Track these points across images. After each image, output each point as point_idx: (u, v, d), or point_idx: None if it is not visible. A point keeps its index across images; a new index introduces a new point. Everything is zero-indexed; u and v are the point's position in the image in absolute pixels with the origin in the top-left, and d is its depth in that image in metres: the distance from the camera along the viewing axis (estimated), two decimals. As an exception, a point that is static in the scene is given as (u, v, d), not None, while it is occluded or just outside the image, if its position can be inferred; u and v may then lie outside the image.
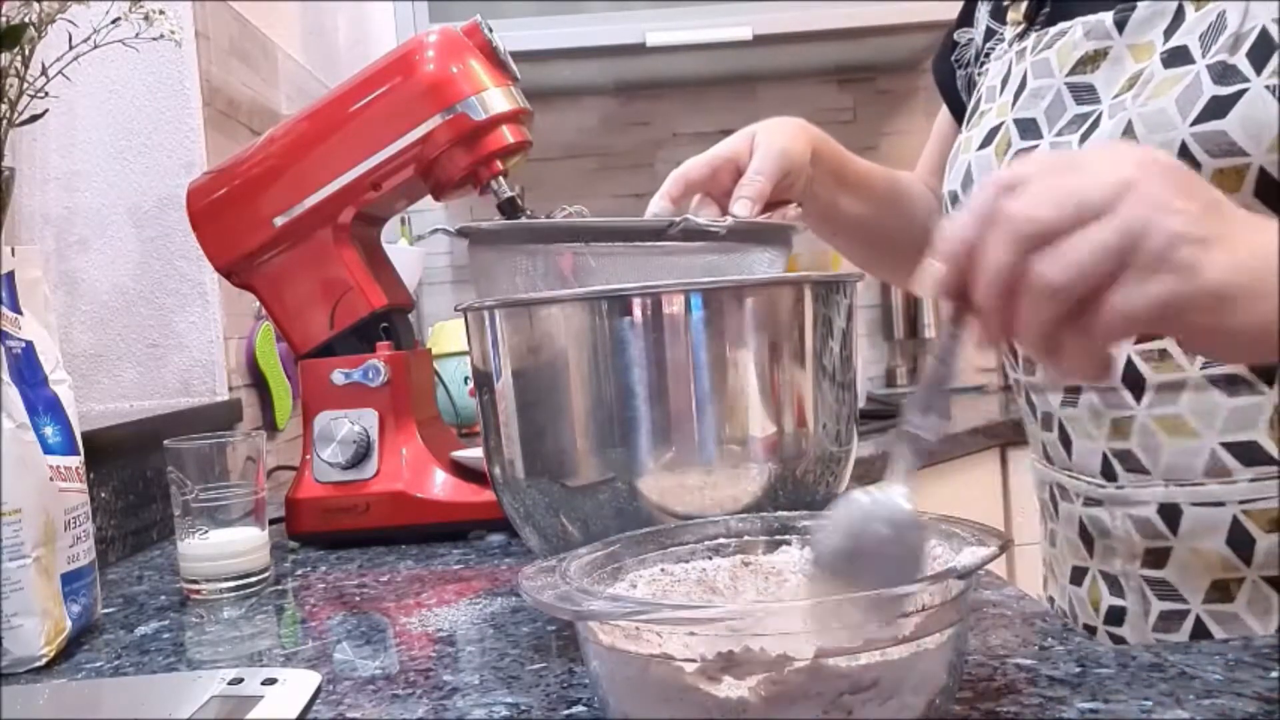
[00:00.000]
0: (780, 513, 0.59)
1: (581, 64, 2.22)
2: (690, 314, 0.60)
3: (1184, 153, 0.67)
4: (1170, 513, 0.72)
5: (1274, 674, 0.54)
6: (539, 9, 2.09)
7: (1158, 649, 0.59)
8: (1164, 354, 0.71)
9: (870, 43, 2.25)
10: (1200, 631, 0.73)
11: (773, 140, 0.88)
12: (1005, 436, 2.06)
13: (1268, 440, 0.69)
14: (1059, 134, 0.76)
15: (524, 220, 0.75)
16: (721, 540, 0.57)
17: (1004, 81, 0.82)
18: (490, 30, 1.06)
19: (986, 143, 0.81)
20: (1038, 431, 0.83)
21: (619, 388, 0.60)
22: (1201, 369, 0.70)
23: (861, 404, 1.88)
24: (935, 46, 1.02)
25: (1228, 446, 0.70)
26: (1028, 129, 0.78)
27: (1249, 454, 0.69)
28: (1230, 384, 0.69)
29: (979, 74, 0.88)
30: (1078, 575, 0.81)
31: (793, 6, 2.11)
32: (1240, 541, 0.70)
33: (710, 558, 0.57)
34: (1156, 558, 0.74)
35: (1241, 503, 0.70)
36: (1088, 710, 0.50)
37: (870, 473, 1.77)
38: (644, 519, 0.61)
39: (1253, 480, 0.69)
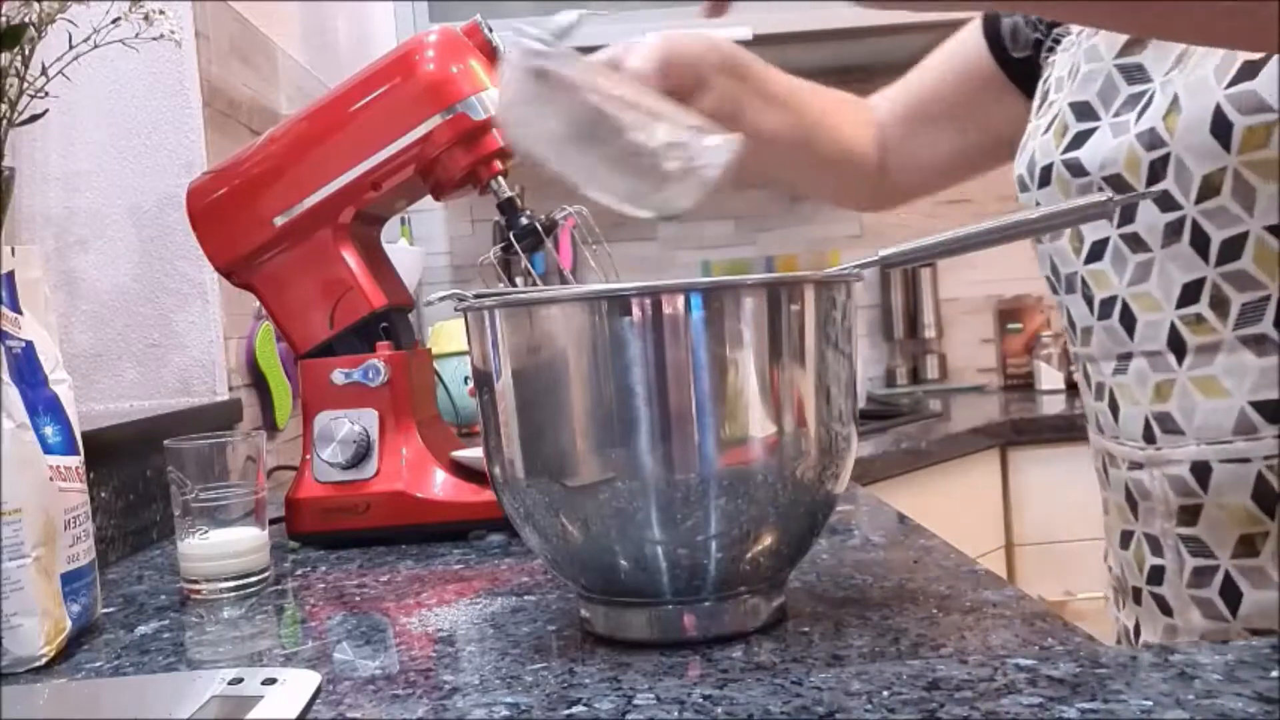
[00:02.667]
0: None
1: (581, 64, 2.22)
2: (690, 314, 0.60)
3: (1219, 113, 0.71)
4: (1201, 470, 0.76)
5: (1274, 674, 0.54)
6: (539, 9, 2.09)
7: (1157, 649, 0.59)
8: (1200, 318, 0.75)
9: (870, 43, 2.25)
10: (1229, 586, 0.76)
11: (656, 41, 0.86)
12: (1005, 436, 2.06)
13: None
14: (1116, 114, 0.79)
15: (522, 290, 0.72)
16: None
17: (1070, 72, 0.84)
18: (490, 30, 1.06)
19: (1048, 129, 0.84)
20: (1091, 403, 0.86)
21: (619, 388, 0.60)
22: (1234, 330, 0.74)
23: (861, 404, 1.88)
24: (935, 47, 1.02)
25: (1255, 405, 0.73)
26: (1083, 112, 0.81)
27: (1274, 412, 0.73)
28: (1259, 344, 0.73)
29: (1045, 63, 0.91)
30: (1125, 539, 0.85)
31: (793, 6, 2.11)
32: (1264, 496, 0.73)
33: None
34: (1189, 515, 0.77)
35: (1266, 459, 0.73)
36: (1088, 710, 0.50)
37: (870, 472, 1.77)
38: (644, 519, 0.61)
39: (1278, 437, 0.73)
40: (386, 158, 1.04)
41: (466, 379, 1.79)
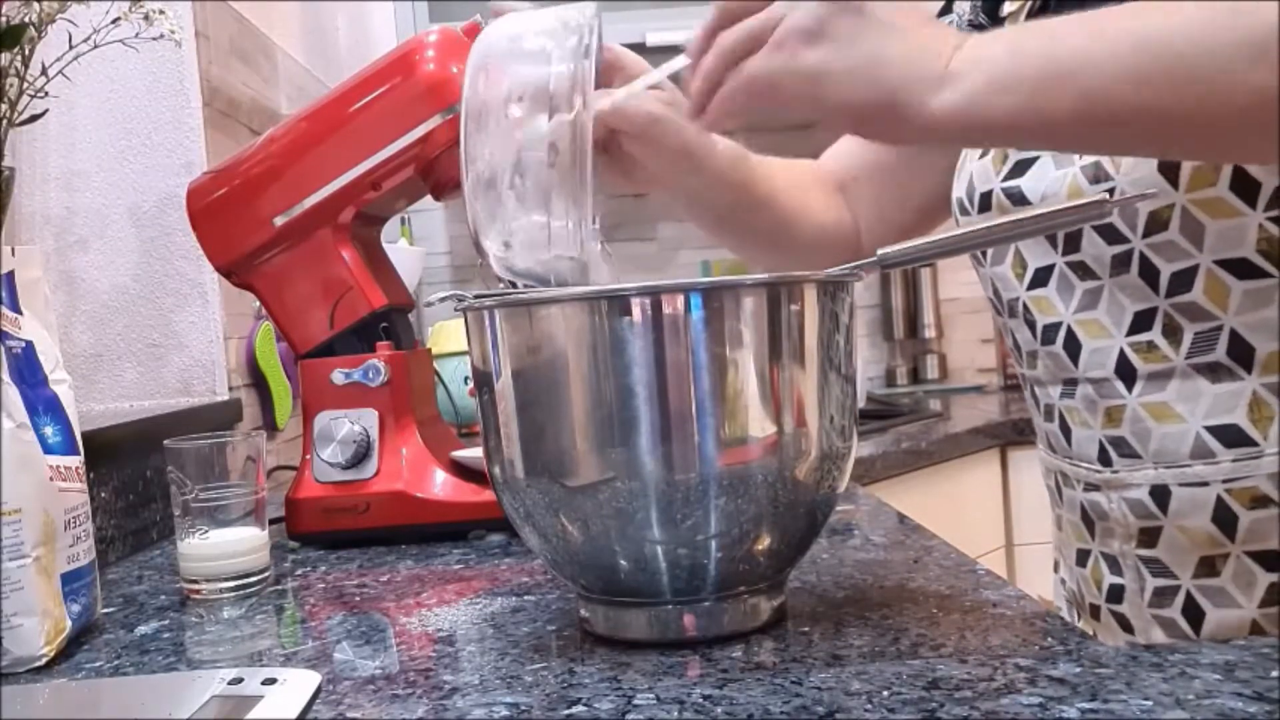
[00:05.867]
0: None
1: (581, 64, 2.22)
2: (690, 314, 0.60)
3: None
4: (1160, 494, 0.75)
5: (1274, 674, 0.54)
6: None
7: (1158, 648, 0.59)
8: (1151, 345, 0.74)
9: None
10: (1191, 606, 0.76)
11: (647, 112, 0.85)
12: (1005, 436, 2.06)
13: (1247, 423, 0.72)
14: None
15: (522, 290, 0.71)
16: None
17: None
18: (490, 30, 1.06)
19: (985, 152, 0.82)
20: (1041, 423, 0.86)
21: (619, 388, 0.60)
22: (1186, 358, 0.73)
23: (861, 404, 1.88)
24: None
25: (1211, 430, 0.73)
26: None
27: (1230, 436, 0.72)
28: (1212, 371, 0.73)
29: None
30: (1082, 557, 0.84)
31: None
32: (1224, 519, 0.73)
33: None
34: (1149, 537, 0.77)
35: (1224, 482, 0.73)
36: (1088, 710, 0.50)
37: (870, 472, 1.77)
38: (644, 519, 0.61)
39: (1234, 461, 0.72)
40: (386, 158, 1.03)
41: (466, 379, 1.79)
